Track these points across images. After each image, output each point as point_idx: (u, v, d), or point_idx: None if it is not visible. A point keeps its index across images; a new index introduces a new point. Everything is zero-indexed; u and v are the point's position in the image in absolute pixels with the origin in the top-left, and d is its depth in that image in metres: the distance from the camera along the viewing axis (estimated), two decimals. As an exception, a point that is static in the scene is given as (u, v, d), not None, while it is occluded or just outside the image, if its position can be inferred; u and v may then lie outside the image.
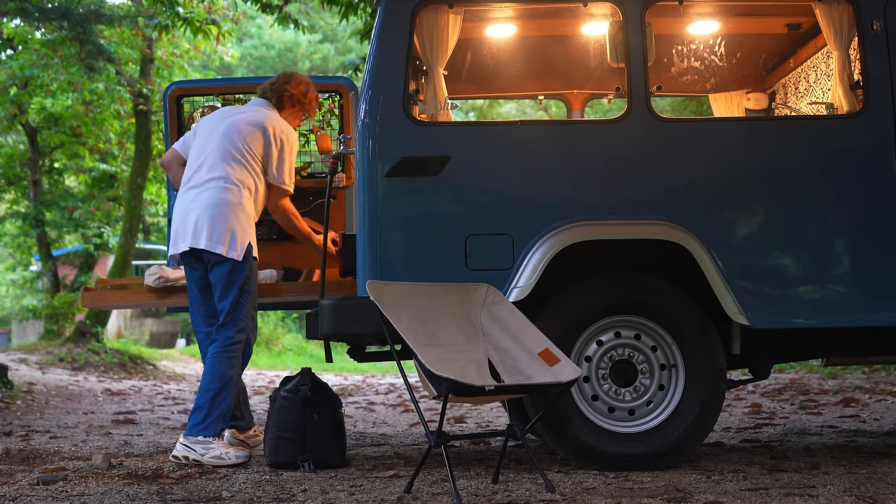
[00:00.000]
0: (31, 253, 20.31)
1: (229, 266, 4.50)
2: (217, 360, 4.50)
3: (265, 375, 14.29)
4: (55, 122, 16.32)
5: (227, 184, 4.57)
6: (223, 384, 4.48)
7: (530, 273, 4.07)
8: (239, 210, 4.55)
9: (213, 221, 4.50)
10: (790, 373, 10.86)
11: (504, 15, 4.71)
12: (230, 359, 4.51)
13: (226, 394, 4.48)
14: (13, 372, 10.12)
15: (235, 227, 4.52)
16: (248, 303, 4.57)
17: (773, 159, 4.23)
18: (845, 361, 4.90)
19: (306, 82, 4.88)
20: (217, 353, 4.51)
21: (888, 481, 3.77)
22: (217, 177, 4.58)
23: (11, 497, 3.65)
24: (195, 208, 4.54)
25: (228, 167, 4.59)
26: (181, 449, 4.41)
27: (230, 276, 4.51)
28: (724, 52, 5.13)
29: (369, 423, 6.91)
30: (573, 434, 4.12)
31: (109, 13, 13.75)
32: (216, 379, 4.48)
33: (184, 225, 4.57)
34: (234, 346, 4.53)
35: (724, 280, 4.11)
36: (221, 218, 4.51)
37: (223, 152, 4.61)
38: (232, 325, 4.53)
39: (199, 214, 4.52)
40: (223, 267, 4.51)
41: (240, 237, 4.52)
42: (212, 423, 4.44)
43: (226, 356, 4.51)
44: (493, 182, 4.20)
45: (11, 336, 22.68)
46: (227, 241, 4.49)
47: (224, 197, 4.54)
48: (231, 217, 4.52)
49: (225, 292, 4.52)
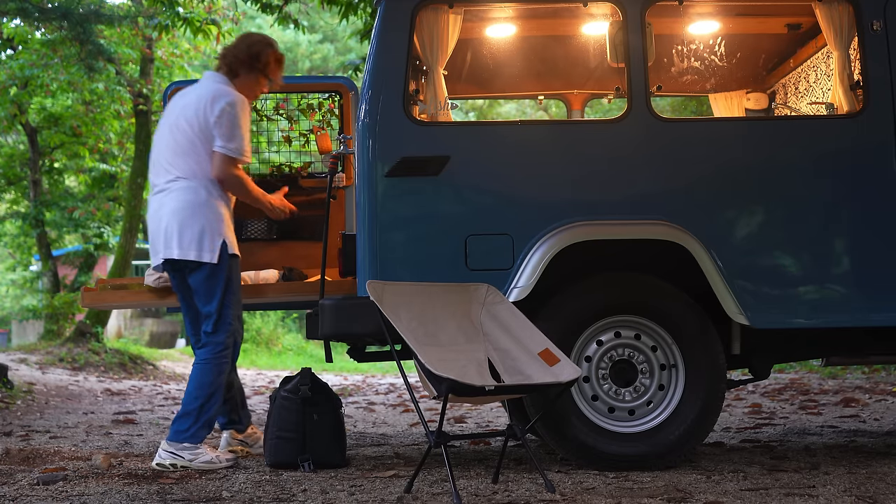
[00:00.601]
0: (31, 253, 20.31)
1: (206, 270, 4.36)
2: (206, 368, 4.38)
3: (265, 375, 14.29)
4: (55, 122, 16.32)
5: (187, 182, 4.37)
6: (212, 392, 4.37)
7: (530, 273, 4.07)
8: (206, 209, 4.36)
9: (182, 227, 4.34)
10: (790, 373, 10.86)
11: (504, 15, 4.71)
12: (219, 365, 4.40)
13: (214, 401, 4.38)
14: (13, 372, 10.12)
15: (205, 229, 4.34)
16: (234, 304, 4.44)
17: (772, 159, 4.23)
18: (845, 361, 4.90)
19: (259, 41, 4.55)
20: (206, 359, 4.38)
21: (888, 481, 3.77)
22: (175, 177, 4.39)
23: (11, 497, 3.65)
24: (163, 215, 4.39)
25: (183, 162, 4.38)
26: (167, 456, 4.29)
27: (209, 281, 4.37)
28: (724, 52, 5.13)
29: (369, 423, 6.91)
30: (573, 434, 4.12)
31: (109, 13, 13.75)
32: (205, 386, 4.36)
33: (156, 234, 4.43)
34: (224, 353, 4.41)
35: (724, 280, 4.11)
36: (189, 222, 4.34)
37: (173, 147, 4.41)
38: (221, 330, 4.40)
39: (168, 222, 4.37)
40: (200, 272, 4.37)
41: (210, 238, 4.35)
42: (198, 431, 4.33)
43: (215, 363, 4.39)
44: (493, 182, 4.20)
45: (11, 336, 22.69)
46: (197, 246, 4.33)
47: (187, 198, 4.36)
48: (198, 218, 4.34)
49: (208, 298, 4.38)
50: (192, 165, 4.37)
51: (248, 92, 4.52)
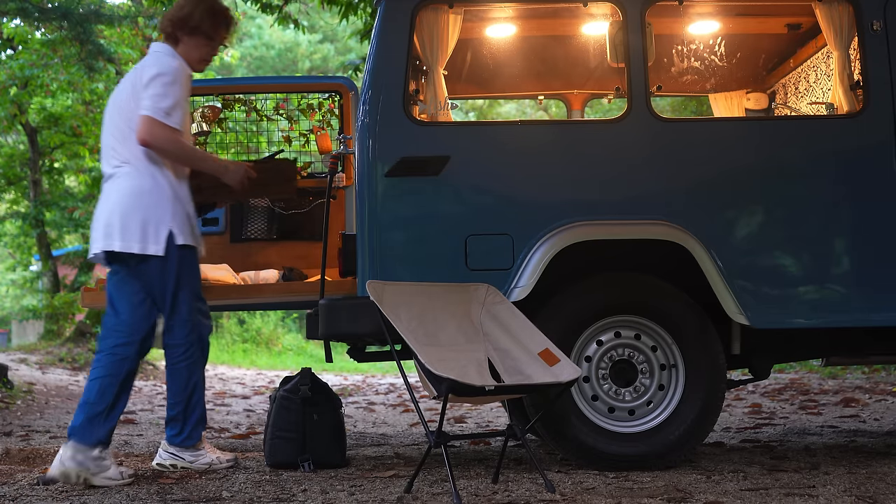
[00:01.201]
0: (31, 253, 20.31)
1: (154, 264, 4.05)
2: (177, 371, 4.18)
3: (265, 375, 14.29)
4: (55, 122, 16.32)
5: (130, 168, 4.04)
6: (191, 391, 4.18)
7: (530, 273, 4.07)
8: (150, 196, 4.02)
9: (124, 217, 4.00)
10: (790, 373, 10.86)
11: (504, 15, 4.71)
12: (191, 364, 4.17)
13: (197, 398, 4.20)
14: (13, 372, 10.12)
15: (149, 218, 4.00)
16: (189, 298, 4.13)
17: (772, 159, 4.23)
18: (845, 361, 4.90)
19: (189, 1, 4.20)
20: (175, 363, 4.18)
21: (888, 481, 3.77)
22: (119, 163, 4.07)
23: (11, 497, 3.65)
24: (107, 205, 4.06)
25: (123, 146, 4.07)
26: (167, 457, 4.21)
27: (159, 276, 4.07)
28: (724, 52, 5.13)
29: (369, 423, 6.91)
30: (573, 434, 4.12)
31: (109, 13, 13.76)
32: (182, 389, 4.17)
33: (97, 223, 4.08)
34: (189, 351, 4.17)
35: (724, 280, 4.11)
36: (131, 211, 4.00)
37: (113, 131, 4.12)
38: (179, 328, 4.14)
39: (110, 210, 4.03)
40: (147, 266, 4.05)
41: (154, 228, 4.01)
42: (191, 433, 4.21)
43: (185, 364, 4.17)
44: (493, 182, 4.20)
45: (11, 336, 22.70)
46: (141, 237, 4.00)
47: (130, 185, 4.02)
48: (141, 207, 4.00)
49: (160, 294, 4.09)
50: (134, 149, 4.04)
51: (193, 57, 4.20)
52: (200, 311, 4.22)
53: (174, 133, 4.01)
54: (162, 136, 3.98)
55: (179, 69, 4.09)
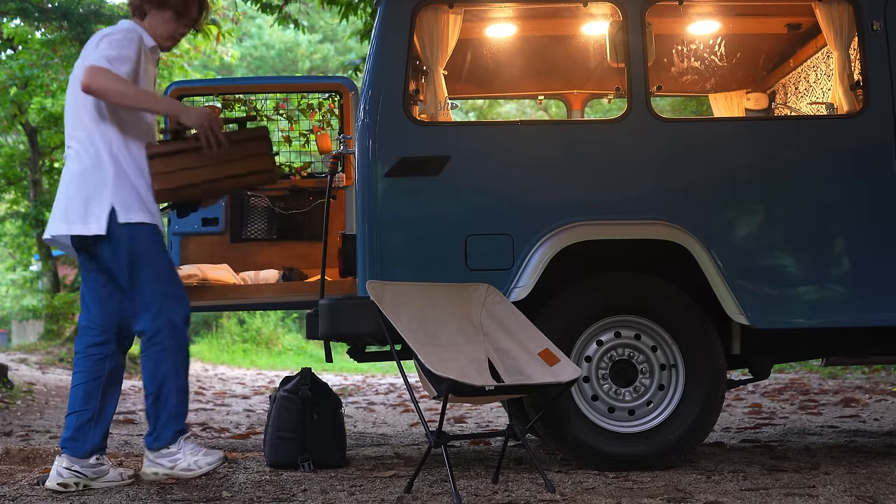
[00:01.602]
0: (31, 253, 20.30)
1: (104, 245, 3.83)
2: (146, 360, 3.89)
3: (265, 375, 14.29)
4: (55, 122, 16.31)
5: (76, 149, 3.89)
6: (160, 383, 3.86)
7: (530, 273, 4.07)
8: (91, 175, 3.83)
9: (69, 199, 3.83)
10: (790, 373, 10.86)
11: (504, 15, 4.71)
12: (159, 352, 3.86)
13: (167, 392, 3.87)
14: (13, 372, 10.12)
15: (91, 196, 3.81)
16: (152, 280, 3.85)
17: (772, 159, 4.23)
18: (845, 361, 4.90)
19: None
20: (143, 351, 3.90)
21: (888, 481, 3.77)
22: (69, 144, 3.94)
23: (11, 497, 3.65)
24: (59, 190, 3.91)
25: (72, 127, 3.93)
26: (149, 465, 3.94)
27: (112, 258, 3.83)
28: (724, 52, 5.13)
29: (369, 423, 6.91)
30: (573, 434, 4.12)
31: (109, 13, 13.75)
32: (151, 382, 3.88)
33: (53, 211, 3.92)
34: (157, 337, 3.85)
35: (724, 280, 4.11)
36: (74, 192, 3.83)
37: (68, 111, 3.98)
38: (143, 313, 3.86)
39: (59, 195, 3.89)
40: (99, 248, 3.84)
41: (97, 205, 3.79)
42: (163, 430, 3.89)
43: (153, 352, 3.87)
44: (493, 182, 4.20)
45: (11, 336, 22.71)
46: (83, 217, 3.80)
47: (72, 167, 3.88)
48: (83, 186, 3.82)
49: (119, 277, 3.86)
50: (80, 128, 3.89)
51: (160, 32, 3.99)
52: (171, 295, 3.90)
53: (118, 78, 3.73)
54: (102, 80, 3.71)
55: (131, 30, 3.90)
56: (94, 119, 3.86)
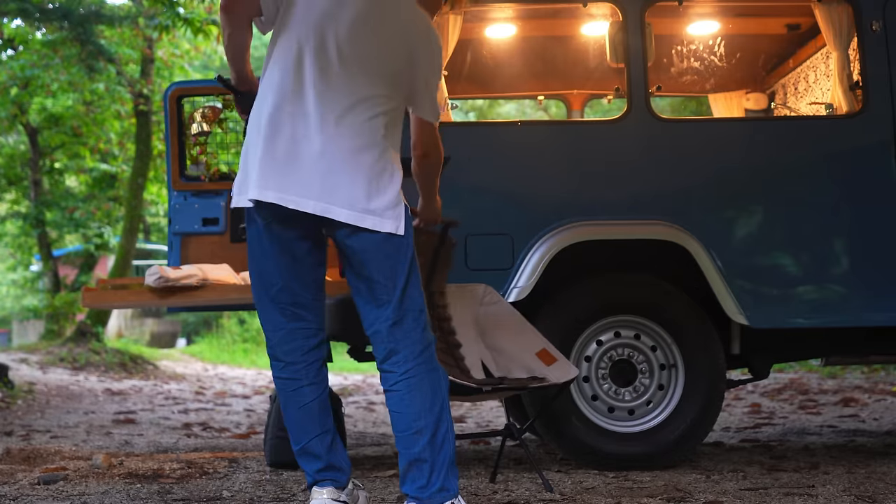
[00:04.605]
0: (31, 253, 20.31)
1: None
2: (422, 380, 2.88)
3: (265, 375, 14.30)
4: (56, 123, 16.33)
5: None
6: (440, 414, 2.88)
7: (530, 273, 4.07)
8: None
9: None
10: (790, 373, 10.86)
11: (504, 15, 4.72)
12: (438, 369, 2.94)
13: (447, 429, 2.89)
14: (14, 372, 10.13)
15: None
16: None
17: (772, 159, 4.24)
18: (845, 361, 4.91)
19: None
20: (419, 365, 2.89)
21: (887, 481, 3.77)
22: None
23: (12, 496, 3.66)
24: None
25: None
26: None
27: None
28: (724, 52, 5.13)
29: (369, 423, 6.92)
30: (573, 434, 4.12)
31: (110, 13, 13.77)
32: (429, 411, 2.86)
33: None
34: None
35: (724, 280, 4.11)
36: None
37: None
38: (417, 322, 2.95)
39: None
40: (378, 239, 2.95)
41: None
42: (449, 476, 2.87)
43: (431, 368, 2.92)
44: (493, 182, 4.21)
45: (12, 336, 22.69)
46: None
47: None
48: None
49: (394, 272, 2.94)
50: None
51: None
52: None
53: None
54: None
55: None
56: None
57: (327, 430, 3.04)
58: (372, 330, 2.97)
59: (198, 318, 22.45)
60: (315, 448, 3.01)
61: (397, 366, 2.91)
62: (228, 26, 3.04)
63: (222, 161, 5.54)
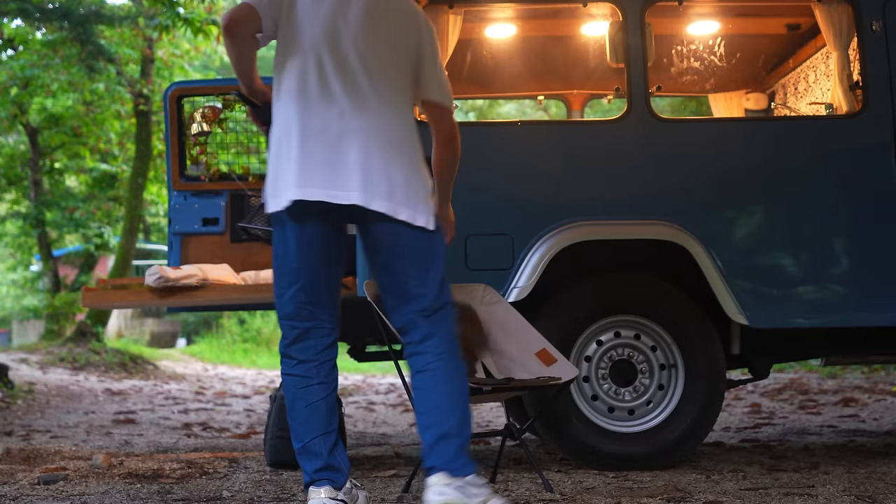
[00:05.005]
0: (31, 253, 20.31)
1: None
2: (456, 363, 3.03)
3: (265, 375, 14.30)
4: (56, 123, 16.33)
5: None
6: (467, 397, 3.04)
7: (530, 273, 4.07)
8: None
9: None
10: (790, 373, 10.87)
11: (504, 15, 4.72)
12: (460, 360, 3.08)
13: (470, 412, 3.04)
14: (14, 372, 10.13)
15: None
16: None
17: (772, 159, 4.23)
18: (845, 361, 4.91)
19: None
20: (454, 350, 3.04)
21: (887, 481, 3.77)
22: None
23: (12, 496, 3.66)
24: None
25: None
26: (454, 496, 2.90)
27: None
28: (724, 52, 5.13)
29: (369, 423, 6.92)
30: (573, 434, 4.12)
31: (110, 13, 13.76)
32: (461, 391, 3.01)
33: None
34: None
35: (724, 280, 4.11)
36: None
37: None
38: (449, 314, 3.09)
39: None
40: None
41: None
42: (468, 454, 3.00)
43: (459, 356, 3.08)
44: (493, 182, 4.20)
45: (12, 336, 22.69)
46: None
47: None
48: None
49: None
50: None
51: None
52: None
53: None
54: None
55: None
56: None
57: (331, 431, 3.07)
58: (406, 319, 3.05)
59: (198, 318, 22.44)
60: (317, 447, 3.04)
61: (435, 346, 3.02)
62: (233, 45, 3.11)
63: (222, 161, 5.55)
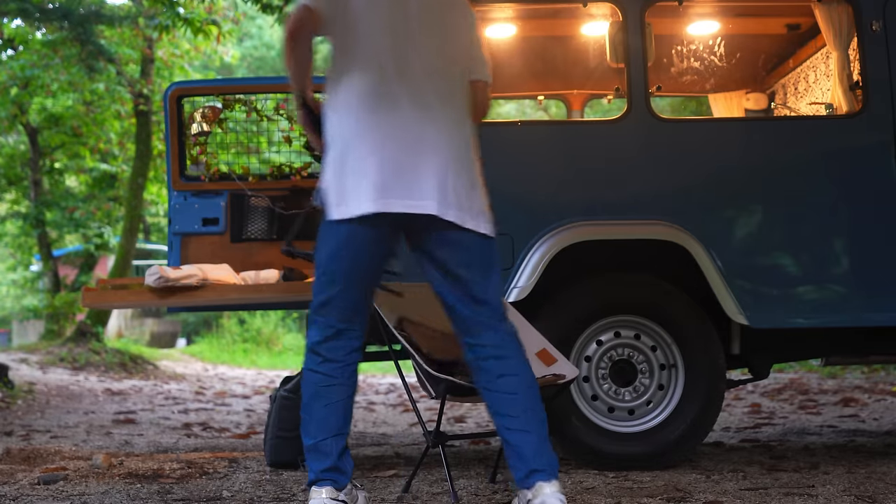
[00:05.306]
0: (31, 253, 20.32)
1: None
2: (530, 371, 3.10)
3: (265, 375, 14.30)
4: (56, 123, 16.33)
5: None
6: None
7: (530, 273, 4.07)
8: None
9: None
10: (790, 373, 10.87)
11: (504, 15, 4.72)
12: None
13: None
14: (14, 372, 10.13)
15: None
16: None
17: (772, 159, 4.24)
18: (845, 361, 4.91)
19: None
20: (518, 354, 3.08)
21: (887, 481, 3.77)
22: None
23: (12, 496, 3.66)
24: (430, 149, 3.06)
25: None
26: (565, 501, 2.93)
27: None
28: (724, 52, 5.13)
29: (369, 423, 6.92)
30: (573, 434, 4.12)
31: (110, 13, 13.77)
32: (538, 398, 3.05)
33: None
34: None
35: (724, 280, 4.11)
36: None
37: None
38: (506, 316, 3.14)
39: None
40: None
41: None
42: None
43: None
44: (493, 182, 4.19)
45: (12, 336, 22.70)
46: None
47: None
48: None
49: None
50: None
51: None
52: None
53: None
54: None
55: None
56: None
57: (344, 433, 3.09)
58: (474, 321, 3.09)
59: (198, 318, 22.45)
60: (328, 447, 3.06)
61: (514, 351, 3.08)
62: (295, 50, 3.14)
63: (222, 161, 5.55)
